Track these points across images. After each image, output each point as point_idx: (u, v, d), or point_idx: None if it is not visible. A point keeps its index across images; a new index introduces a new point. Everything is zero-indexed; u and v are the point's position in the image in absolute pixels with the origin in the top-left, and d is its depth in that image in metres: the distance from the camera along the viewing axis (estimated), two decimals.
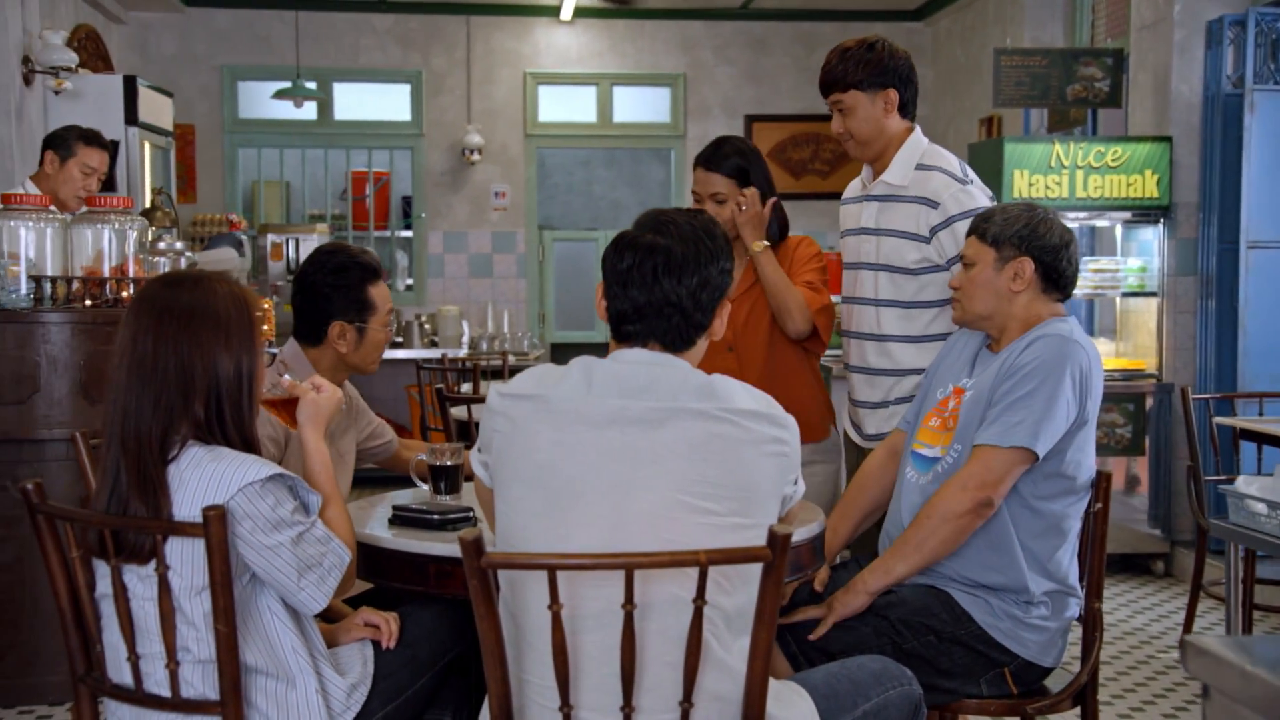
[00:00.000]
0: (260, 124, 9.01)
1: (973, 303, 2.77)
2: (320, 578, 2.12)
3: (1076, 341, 2.68)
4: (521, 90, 9.12)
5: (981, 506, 2.61)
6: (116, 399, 2.09)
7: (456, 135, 9.00)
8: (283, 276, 8.29)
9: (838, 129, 3.23)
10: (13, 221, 4.05)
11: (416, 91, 9.04)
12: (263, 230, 8.37)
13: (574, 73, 9.18)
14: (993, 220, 2.77)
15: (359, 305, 2.93)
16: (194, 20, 8.79)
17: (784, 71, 9.33)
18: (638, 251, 2.07)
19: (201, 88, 8.83)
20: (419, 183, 9.08)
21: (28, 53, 5.90)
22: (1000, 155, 5.93)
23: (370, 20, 8.96)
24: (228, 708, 2.03)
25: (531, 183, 9.21)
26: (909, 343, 3.23)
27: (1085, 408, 2.66)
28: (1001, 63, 6.32)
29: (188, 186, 8.83)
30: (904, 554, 2.64)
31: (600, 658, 1.90)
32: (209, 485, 2.05)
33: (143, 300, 2.13)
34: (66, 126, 4.96)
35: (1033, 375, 2.63)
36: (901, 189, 3.20)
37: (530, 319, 9.19)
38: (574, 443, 1.99)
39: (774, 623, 1.89)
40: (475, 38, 9.06)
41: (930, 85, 9.43)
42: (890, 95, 3.17)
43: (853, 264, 3.35)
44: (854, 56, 3.17)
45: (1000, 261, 2.74)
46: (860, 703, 2.19)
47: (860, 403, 3.35)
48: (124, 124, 6.14)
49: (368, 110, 9.15)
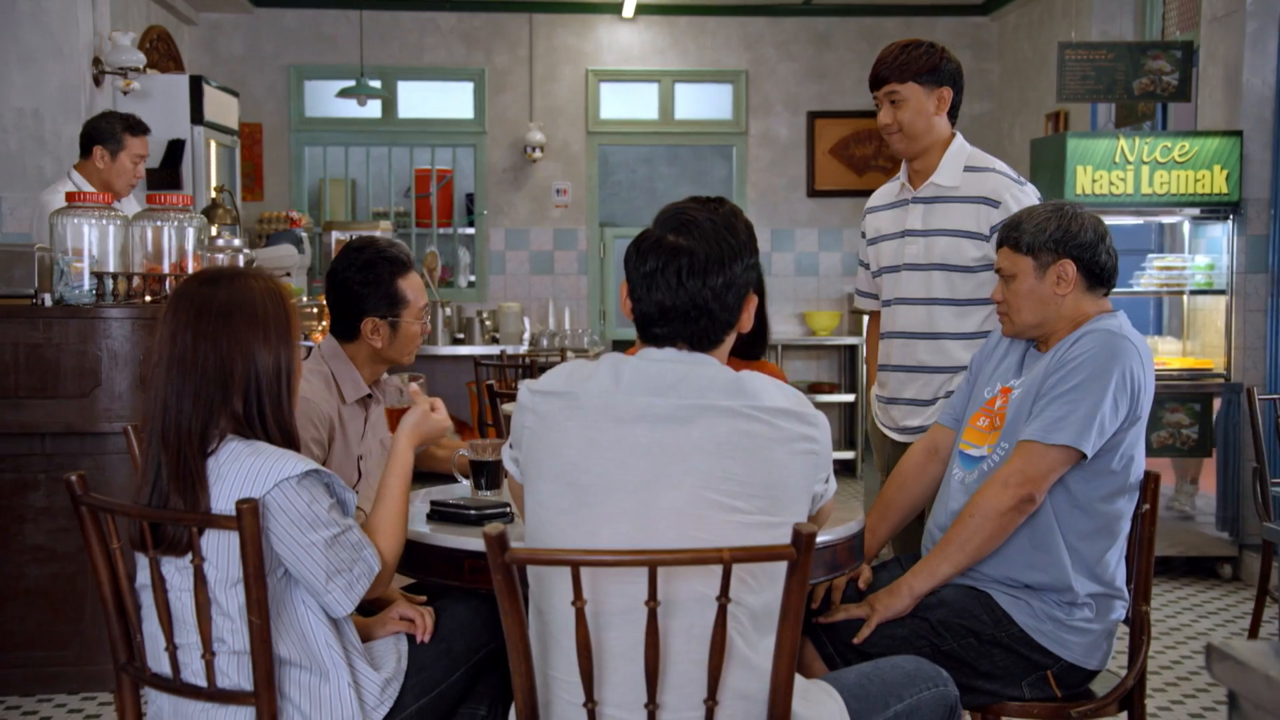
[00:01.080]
0: (326, 122, 9.13)
1: (1020, 315, 2.72)
2: (349, 583, 2.14)
3: (1125, 337, 2.62)
4: (583, 87, 9.14)
5: (1023, 503, 2.57)
6: (156, 395, 2.13)
7: (519, 133, 9.05)
8: None
9: (887, 120, 3.29)
10: (76, 219, 4.13)
11: (479, 89, 9.10)
12: (327, 228, 8.47)
13: (636, 70, 9.18)
14: (1021, 229, 2.71)
15: (390, 300, 2.93)
16: (262, 20, 8.92)
17: (847, 67, 9.26)
18: (661, 254, 2.05)
19: (269, 87, 8.96)
20: (481, 180, 9.14)
21: (98, 54, 6.02)
22: (1062, 151, 5.84)
23: (435, 19, 9.03)
24: (261, 699, 2.06)
25: (593, 180, 9.24)
26: (963, 339, 3.30)
27: (1138, 405, 2.61)
28: (1066, 57, 6.23)
29: (255, 184, 8.96)
30: (947, 554, 2.62)
31: (625, 654, 1.90)
32: (246, 479, 2.08)
33: (180, 297, 2.16)
34: (107, 117, 5.03)
35: (1079, 369, 2.59)
36: (953, 190, 3.30)
37: (591, 316, 9.21)
38: (602, 439, 1.99)
39: (799, 621, 1.88)
40: (538, 35, 9.10)
41: (996, 80, 9.32)
42: (945, 94, 3.28)
43: (893, 266, 3.38)
44: (916, 51, 3.26)
45: (1040, 269, 2.68)
46: (892, 703, 2.16)
47: (907, 400, 3.37)
48: (190, 123, 6.24)
49: (431, 108, 9.23)
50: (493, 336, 8.35)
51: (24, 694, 4.19)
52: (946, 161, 3.31)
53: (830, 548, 2.45)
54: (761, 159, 9.12)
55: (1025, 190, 3.30)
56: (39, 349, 4.08)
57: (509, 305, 8.41)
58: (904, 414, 3.39)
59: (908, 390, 3.38)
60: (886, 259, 3.42)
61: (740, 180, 9.32)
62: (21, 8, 5.78)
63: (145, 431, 2.14)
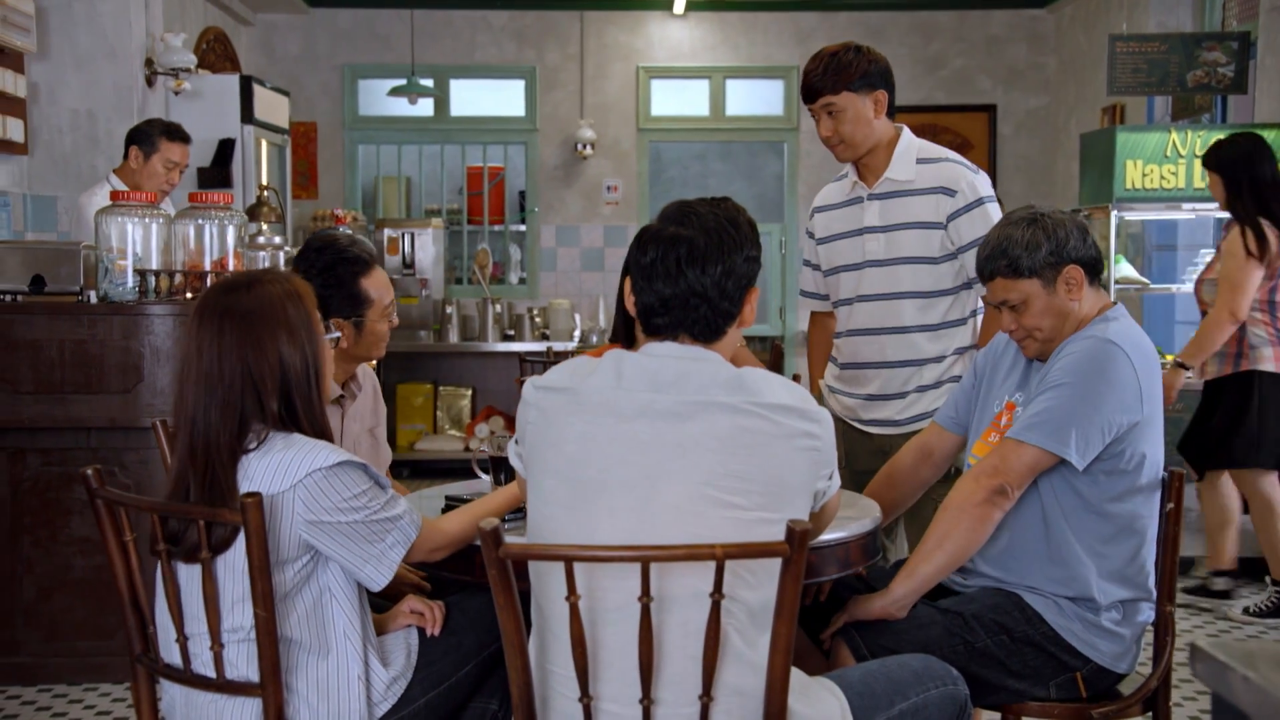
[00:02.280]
0: (379, 121, 9.21)
1: (1046, 333, 2.65)
2: (380, 554, 2.18)
3: (1112, 343, 2.55)
4: (634, 84, 9.15)
5: (995, 494, 2.51)
6: (184, 409, 2.17)
7: (569, 130, 9.08)
8: (398, 270, 8.46)
9: (827, 133, 3.28)
10: (120, 218, 4.21)
11: (530, 87, 9.14)
12: (379, 225, 8.55)
13: (686, 66, 9.18)
14: (1011, 254, 2.62)
15: (354, 301, 2.94)
16: (317, 21, 9.02)
17: (899, 62, 9.09)
18: (660, 244, 2.06)
19: (323, 86, 9.07)
20: (532, 177, 9.19)
21: (150, 55, 6.12)
22: (1112, 145, 5.75)
23: (486, 17, 9.09)
24: (267, 690, 2.09)
25: (643, 176, 9.24)
26: (929, 331, 3.32)
27: (1139, 407, 2.55)
28: (1117, 49, 6.14)
29: (309, 183, 9.07)
30: (925, 552, 2.57)
31: (621, 650, 1.90)
32: (278, 471, 2.12)
33: (203, 308, 2.21)
34: (150, 121, 5.12)
35: (1061, 374, 2.55)
36: (908, 183, 3.29)
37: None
38: (602, 435, 1.99)
39: (794, 617, 1.87)
40: (589, 33, 9.12)
41: (1053, 74, 9.20)
42: (880, 96, 3.25)
43: (852, 264, 3.39)
44: (842, 60, 3.23)
45: (1048, 285, 2.62)
46: (897, 701, 2.15)
47: (871, 396, 3.37)
48: (240, 122, 6.33)
49: (483, 106, 9.29)
50: (543, 333, 8.38)
51: (71, 683, 4.28)
52: (898, 156, 3.29)
53: (843, 544, 2.43)
54: (813, 155, 9.07)
55: (979, 178, 3.28)
56: (83, 345, 4.17)
57: (559, 302, 8.44)
58: (875, 407, 3.38)
59: (872, 385, 3.38)
60: (842, 258, 3.41)
61: (791, 176, 9.28)
62: (77, 11, 5.90)
63: (174, 442, 2.19)
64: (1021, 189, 9.12)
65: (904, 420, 3.35)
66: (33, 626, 4.30)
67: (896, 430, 3.34)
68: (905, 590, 2.56)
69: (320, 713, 2.15)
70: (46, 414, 4.18)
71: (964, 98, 9.25)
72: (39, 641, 4.30)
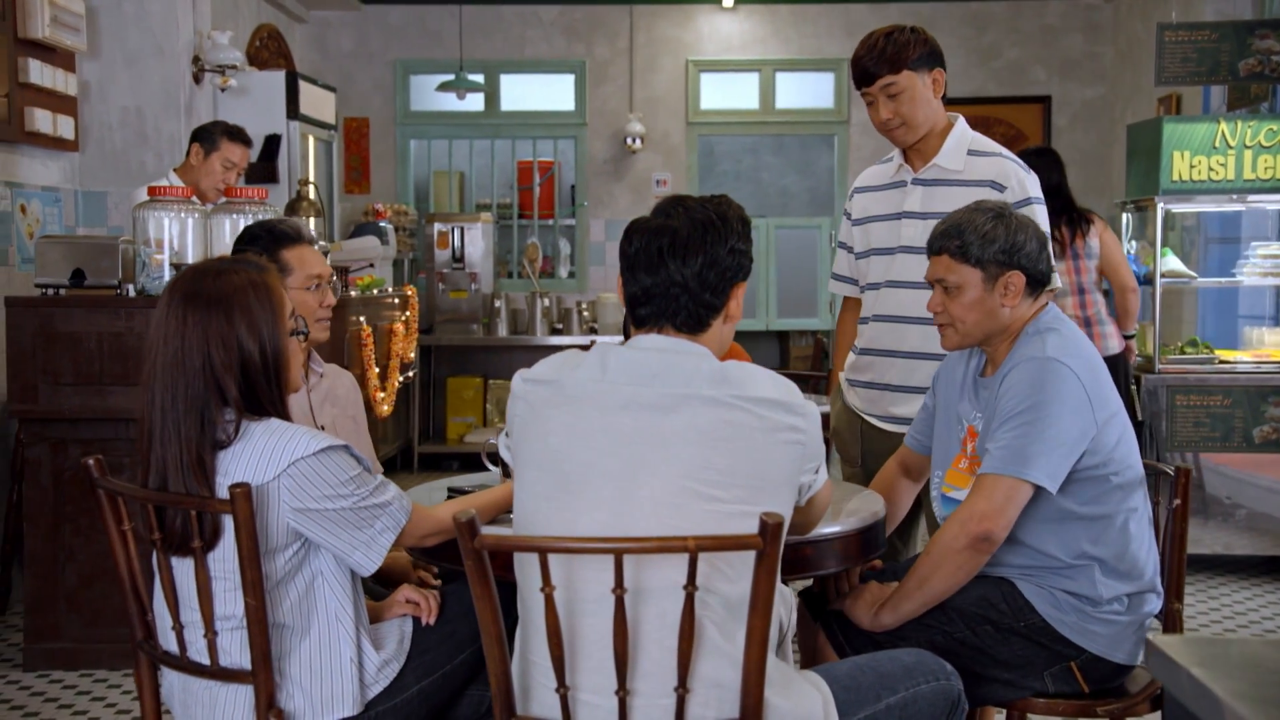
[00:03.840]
0: (430, 116, 9.29)
1: (966, 325, 2.63)
2: (370, 540, 2.20)
3: (1054, 359, 2.52)
4: (683, 78, 9.15)
5: (979, 541, 2.47)
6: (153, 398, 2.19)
7: (619, 124, 9.09)
8: (448, 264, 8.53)
9: (887, 115, 3.20)
10: (158, 212, 4.28)
11: (580, 81, 9.16)
12: (429, 219, 8.63)
13: (736, 59, 9.15)
14: (965, 237, 2.60)
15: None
16: (369, 17, 9.11)
17: (952, 54, 9.02)
18: (645, 235, 2.08)
19: (375, 82, 9.16)
20: (581, 172, 9.21)
21: (198, 52, 6.22)
22: (1158, 136, 5.64)
23: (536, 12, 9.13)
24: (259, 677, 2.12)
25: (693, 170, 9.23)
26: None
27: (1094, 417, 2.51)
28: (1165, 38, 6.02)
29: (362, 177, 9.17)
30: (908, 592, 2.54)
31: (600, 641, 1.91)
32: (261, 460, 2.14)
33: (171, 291, 2.23)
34: (214, 121, 5.23)
35: (1015, 402, 2.51)
36: (957, 173, 3.21)
37: None
38: (585, 428, 2.00)
39: (769, 610, 1.87)
40: (638, 27, 9.13)
41: (1110, 63, 9.06)
42: (939, 75, 3.20)
43: (885, 248, 3.31)
44: (900, 39, 3.17)
45: (989, 280, 2.59)
46: (884, 695, 2.13)
47: (891, 386, 3.28)
48: (285, 118, 6.42)
49: (533, 101, 9.33)
50: (591, 327, 8.41)
51: (111, 668, 4.38)
52: (951, 144, 3.22)
53: (840, 539, 2.42)
54: (864, 148, 9.01)
55: (1031, 178, 3.22)
56: (121, 338, 4.25)
57: (607, 296, 8.46)
58: (891, 400, 3.31)
59: (893, 375, 3.30)
60: (877, 240, 3.33)
61: (842, 169, 9.22)
62: (127, 10, 6.01)
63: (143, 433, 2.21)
64: (1076, 182, 8.91)
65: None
66: (74, 613, 4.39)
67: None
68: (891, 621, 2.55)
69: (313, 696, 2.18)
70: (86, 405, 4.27)
71: (1018, 89, 9.13)
72: (80, 627, 4.39)
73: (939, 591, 2.53)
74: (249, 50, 7.75)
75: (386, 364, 5.18)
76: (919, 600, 2.53)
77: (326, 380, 3.22)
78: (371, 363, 4.75)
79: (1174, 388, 5.59)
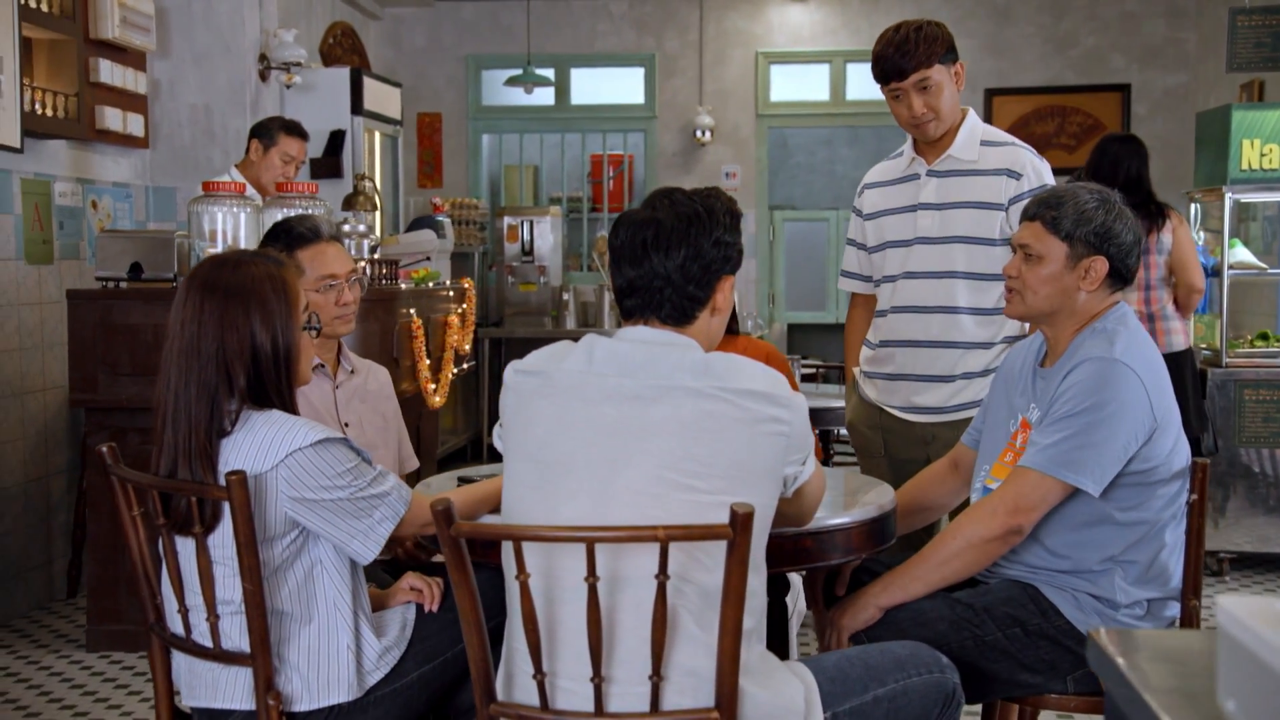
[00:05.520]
0: (501, 110, 9.37)
1: (1036, 298, 2.58)
2: (368, 529, 2.23)
3: (1119, 362, 2.45)
4: (753, 70, 9.11)
5: (1010, 534, 2.46)
6: (167, 382, 2.25)
7: (688, 117, 9.09)
8: (518, 257, 8.62)
9: (919, 110, 3.20)
10: (211, 207, 4.39)
11: (650, 74, 9.18)
12: (499, 213, 8.71)
13: (806, 51, 9.09)
14: (1063, 210, 2.55)
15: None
16: (442, 13, 9.22)
17: (1028, 42, 8.94)
18: (631, 227, 2.09)
19: (448, 77, 9.26)
20: (651, 165, 9.23)
21: (264, 50, 6.35)
22: (1227, 123, 5.51)
23: (606, 6, 9.16)
24: (257, 660, 2.17)
25: (762, 163, 9.20)
26: (980, 315, 3.24)
27: (1151, 422, 2.46)
28: (1237, 23, 5.87)
29: (434, 172, 9.29)
30: (921, 573, 2.51)
31: (579, 629, 1.92)
32: (260, 450, 2.19)
33: (190, 280, 2.30)
34: (271, 117, 5.34)
35: (1074, 401, 2.46)
36: (971, 163, 3.24)
37: (760, 299, 9.19)
38: (570, 418, 2.02)
39: (741, 600, 1.87)
40: (708, 19, 9.11)
41: (1192, 50, 8.84)
42: (961, 68, 3.23)
43: (900, 240, 3.30)
44: (929, 32, 3.18)
45: (1073, 258, 2.54)
46: (872, 687, 2.12)
47: (916, 376, 3.26)
48: (350, 114, 6.52)
49: (603, 94, 9.36)
50: None
51: None
52: (964, 135, 3.25)
53: (844, 530, 2.40)
54: None
55: (1044, 165, 3.25)
56: None
57: None
58: (914, 390, 3.29)
59: (916, 365, 3.28)
60: (891, 233, 3.33)
61: None
62: (195, 9, 6.15)
63: (158, 416, 2.27)
64: (1157, 171, 8.67)
65: (949, 408, 3.27)
66: (134, 596, 4.51)
67: (941, 418, 3.26)
68: (892, 603, 2.52)
69: (311, 681, 2.23)
70: (142, 395, 4.38)
71: (1095, 77, 8.95)
72: (139, 610, 4.51)
73: (956, 577, 2.52)
74: (322, 47, 7.88)
75: (441, 356, 5.25)
76: (932, 583, 2.51)
77: (357, 376, 3.28)
78: (423, 354, 4.81)
79: (1243, 382, 5.45)
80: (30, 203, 5.12)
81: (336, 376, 3.21)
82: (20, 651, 4.63)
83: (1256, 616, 0.98)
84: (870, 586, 2.56)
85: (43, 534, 5.25)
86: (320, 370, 3.17)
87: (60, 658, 4.55)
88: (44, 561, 5.26)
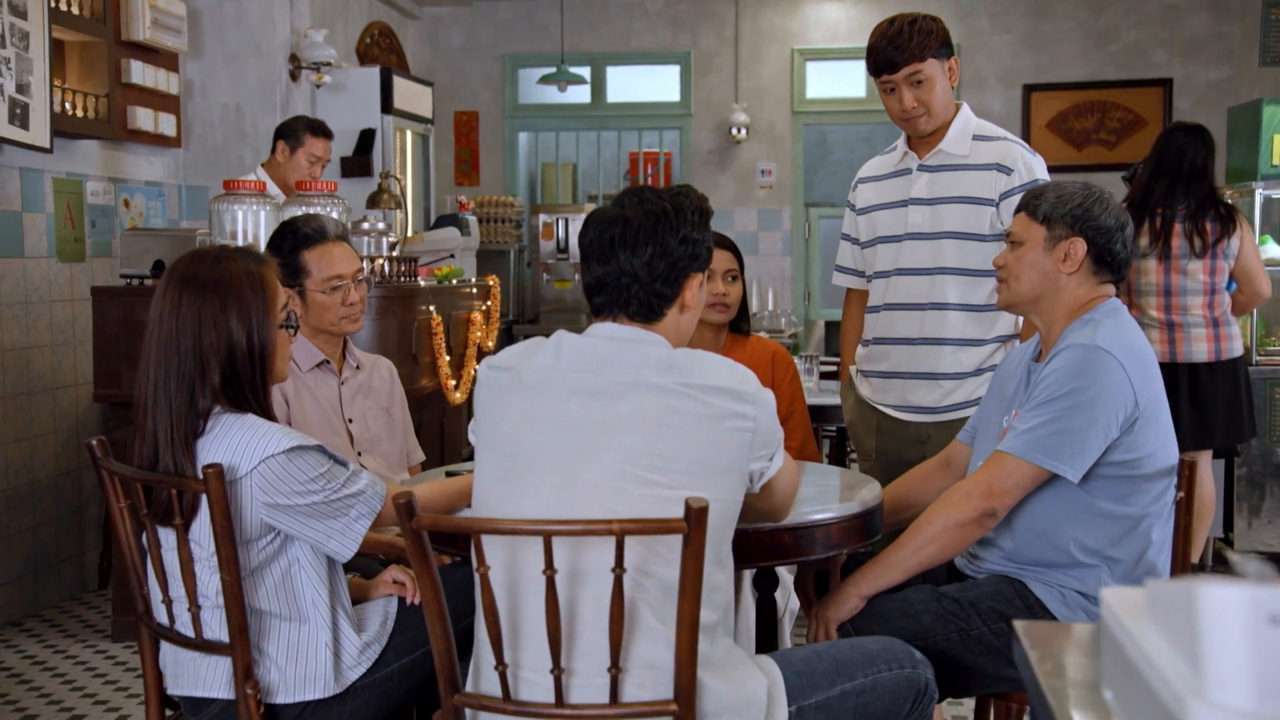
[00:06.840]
0: (538, 109, 9.41)
1: (1019, 283, 2.59)
2: (344, 527, 2.25)
3: (1100, 348, 2.44)
4: (789, 67, 9.09)
5: (984, 517, 2.46)
6: (146, 373, 2.29)
7: (723, 114, 9.08)
8: (553, 255, 8.66)
9: (910, 104, 3.20)
10: (232, 205, 4.46)
11: (685, 72, 9.18)
12: (535, 211, 8.75)
13: (843, 48, 9.05)
14: (1044, 197, 2.59)
15: (292, 271, 3.09)
16: (479, 13, 9.28)
17: (1067, 37, 8.85)
18: (599, 225, 2.10)
19: (485, 76, 9.32)
20: (687, 162, 9.23)
21: (294, 51, 6.43)
22: (1258, 119, 5.42)
23: (642, 3, 9.17)
24: (236, 649, 2.21)
25: (797, 160, 9.17)
26: (971, 311, 3.22)
27: (1133, 411, 2.44)
28: (1271, 16, 5.78)
29: (471, 170, 9.35)
30: (898, 558, 2.51)
31: (540, 621, 1.93)
32: (233, 454, 2.20)
33: (170, 273, 2.33)
34: (296, 118, 5.40)
35: (1053, 386, 2.46)
36: (963, 158, 3.23)
37: (795, 297, 9.17)
38: (537, 413, 2.04)
39: (698, 594, 1.88)
40: (744, 16, 9.10)
41: (1236, 44, 8.70)
42: (954, 63, 3.22)
43: (892, 236, 3.29)
44: (924, 26, 3.18)
45: (1051, 241, 2.55)
46: (839, 682, 2.11)
47: (908, 374, 3.25)
48: (380, 113, 6.58)
49: (638, 92, 9.38)
50: None
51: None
52: (956, 131, 3.24)
53: (824, 525, 2.40)
54: None
55: (1036, 160, 3.23)
56: None
57: None
58: (906, 388, 3.27)
59: (905, 362, 3.27)
60: (884, 228, 3.32)
61: None
62: (227, 10, 6.24)
63: (139, 408, 2.31)
64: None
65: (943, 408, 3.26)
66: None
67: (934, 418, 3.25)
68: (873, 590, 2.52)
69: (289, 675, 2.26)
70: None
71: (1137, 72, 8.84)
72: None
73: (933, 561, 2.52)
74: (359, 47, 7.96)
75: (464, 353, 5.28)
76: (910, 568, 2.52)
77: (363, 373, 3.31)
78: (442, 351, 4.85)
79: (1274, 380, 5.37)
80: (62, 201, 5.22)
81: (342, 373, 3.25)
82: (49, 640, 4.72)
83: (1127, 607, 0.98)
84: (851, 576, 2.56)
85: (75, 526, 5.35)
86: (325, 366, 3.21)
87: (86, 647, 4.64)
88: (75, 553, 5.36)
